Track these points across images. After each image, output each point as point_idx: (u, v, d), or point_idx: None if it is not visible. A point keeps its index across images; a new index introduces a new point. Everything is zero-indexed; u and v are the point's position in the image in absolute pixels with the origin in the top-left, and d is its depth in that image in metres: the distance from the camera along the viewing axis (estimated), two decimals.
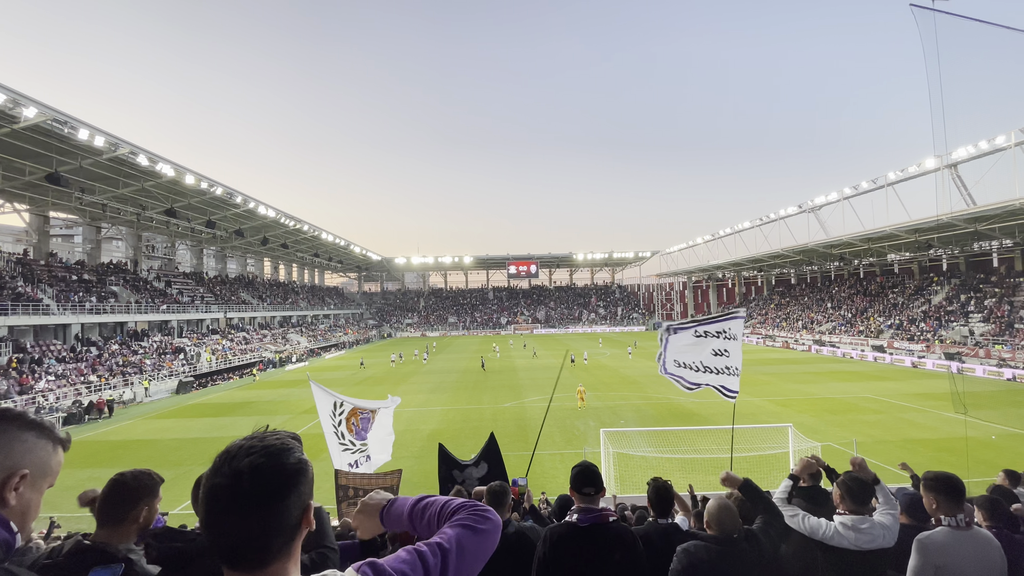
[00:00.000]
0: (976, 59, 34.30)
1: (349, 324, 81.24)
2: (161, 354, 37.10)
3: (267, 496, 0.95)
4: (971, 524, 2.65)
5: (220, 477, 0.95)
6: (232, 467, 0.95)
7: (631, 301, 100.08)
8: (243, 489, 0.93)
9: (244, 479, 0.93)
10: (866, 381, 30.87)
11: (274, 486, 0.96)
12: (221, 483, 0.94)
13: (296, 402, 28.62)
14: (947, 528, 2.61)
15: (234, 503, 0.93)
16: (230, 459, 0.96)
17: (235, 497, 0.93)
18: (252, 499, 0.93)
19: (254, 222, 50.74)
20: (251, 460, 0.95)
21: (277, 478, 0.96)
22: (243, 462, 0.95)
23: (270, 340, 53.11)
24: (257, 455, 0.96)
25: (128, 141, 29.65)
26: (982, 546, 2.56)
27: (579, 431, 20.13)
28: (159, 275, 46.73)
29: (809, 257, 61.28)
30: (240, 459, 0.96)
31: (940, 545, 2.56)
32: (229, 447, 1.00)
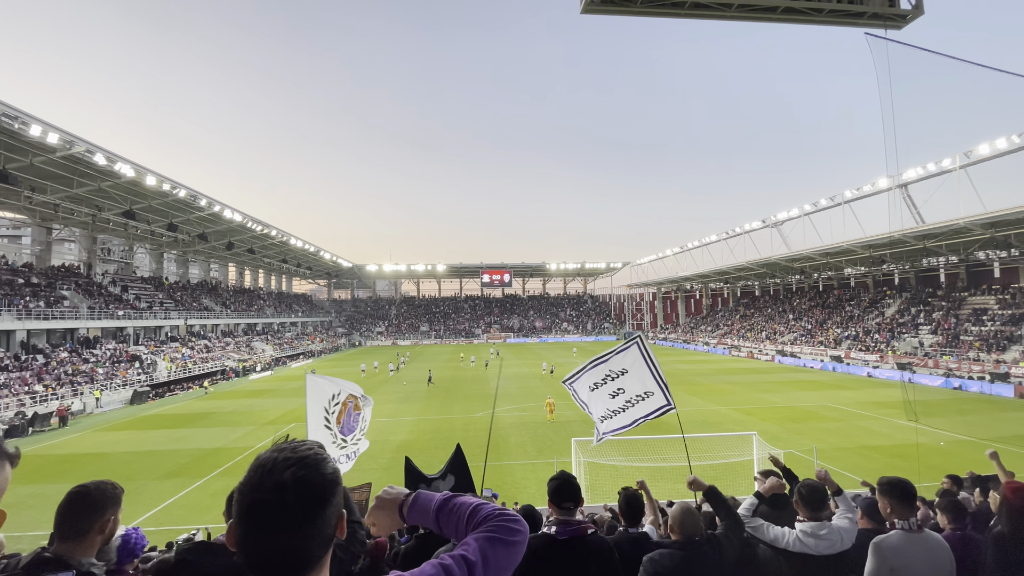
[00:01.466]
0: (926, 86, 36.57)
1: (317, 332, 79.39)
2: (115, 362, 35.41)
3: (311, 508, 0.93)
4: (923, 527, 2.78)
5: (263, 492, 0.92)
6: (274, 481, 0.92)
7: (603, 311, 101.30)
8: (288, 503, 0.91)
9: (289, 492, 0.92)
10: (825, 390, 32.00)
11: (318, 498, 0.94)
12: (266, 498, 0.91)
13: (260, 413, 27.71)
14: (901, 531, 2.73)
15: (281, 517, 0.91)
16: (268, 472, 0.93)
17: (282, 511, 0.91)
18: (298, 512, 0.92)
19: (219, 226, 49.23)
20: (293, 472, 0.93)
21: (319, 489, 0.95)
22: (284, 475, 0.93)
23: (233, 348, 51.38)
24: (297, 467, 0.94)
25: (84, 139, 28.44)
26: (933, 548, 2.69)
27: (551, 441, 20.15)
28: (115, 279, 44.72)
29: (772, 270, 63.41)
30: (280, 472, 0.93)
31: (894, 548, 2.68)
32: (262, 460, 0.97)
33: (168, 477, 16.79)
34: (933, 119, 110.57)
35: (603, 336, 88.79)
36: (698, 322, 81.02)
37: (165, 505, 14.22)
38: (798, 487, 3.28)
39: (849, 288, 59.00)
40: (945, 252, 43.94)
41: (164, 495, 14.99)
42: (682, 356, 58.62)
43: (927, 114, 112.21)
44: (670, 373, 40.58)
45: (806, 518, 3.19)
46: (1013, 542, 2.64)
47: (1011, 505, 2.67)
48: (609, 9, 7.95)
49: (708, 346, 65.53)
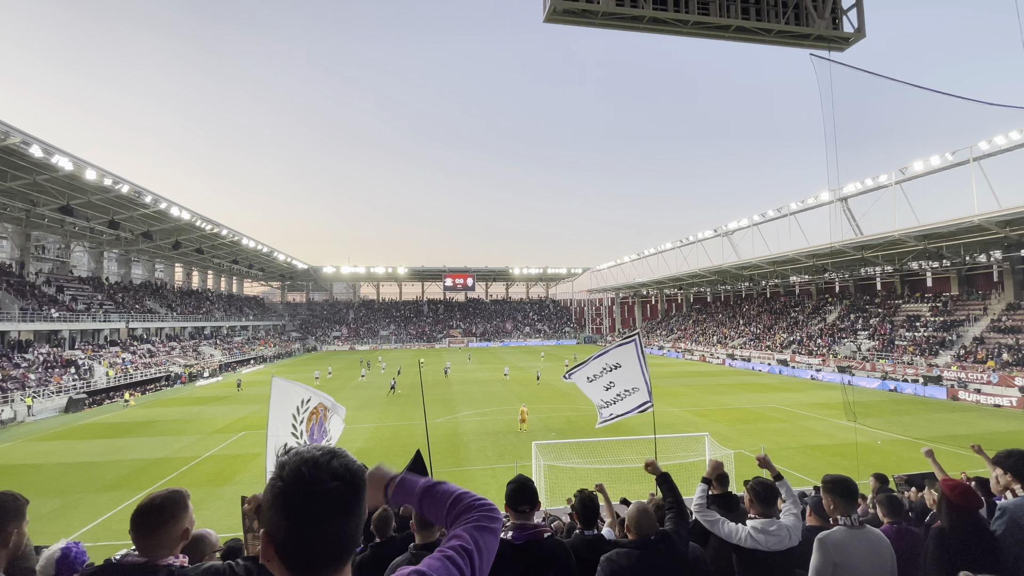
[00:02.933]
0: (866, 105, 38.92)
1: (270, 336, 76.51)
2: (48, 368, 32.97)
3: (361, 493, 1.01)
4: (864, 523, 2.92)
5: (320, 484, 0.95)
6: (330, 470, 0.97)
7: (564, 315, 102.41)
8: (348, 489, 0.97)
9: (347, 479, 0.98)
10: (772, 392, 33.41)
11: (362, 482, 1.02)
12: (327, 488, 0.95)
13: (207, 420, 26.42)
14: (843, 527, 2.86)
15: (343, 503, 0.96)
16: (317, 466, 0.97)
17: (343, 497, 0.96)
18: (354, 497, 0.98)
19: (165, 224, 46.79)
20: (341, 462, 1.00)
21: (361, 475, 1.02)
22: (336, 464, 0.99)
23: (179, 353, 48.83)
24: (340, 458, 1.01)
25: (20, 129, 26.50)
26: (874, 543, 2.83)
27: (511, 445, 20.13)
28: (49, 279, 41.69)
29: (723, 277, 65.84)
30: (328, 464, 0.98)
31: (837, 543, 2.80)
32: (304, 458, 0.99)
33: (107, 489, 15.75)
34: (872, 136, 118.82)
35: (564, 340, 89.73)
36: (654, 326, 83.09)
37: (103, 519, 13.32)
38: (753, 484, 3.38)
39: (794, 295, 61.94)
40: (881, 262, 46.87)
41: (102, 509, 14.04)
42: None
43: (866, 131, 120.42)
44: None
45: (757, 515, 3.30)
46: (952, 536, 2.81)
47: (950, 502, 2.83)
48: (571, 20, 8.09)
49: (663, 350, 67.17)
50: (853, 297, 52.01)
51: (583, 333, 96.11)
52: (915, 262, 45.04)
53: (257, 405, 30.36)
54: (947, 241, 36.32)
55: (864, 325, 45.43)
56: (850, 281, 53.75)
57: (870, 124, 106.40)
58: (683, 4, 8.03)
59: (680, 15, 7.98)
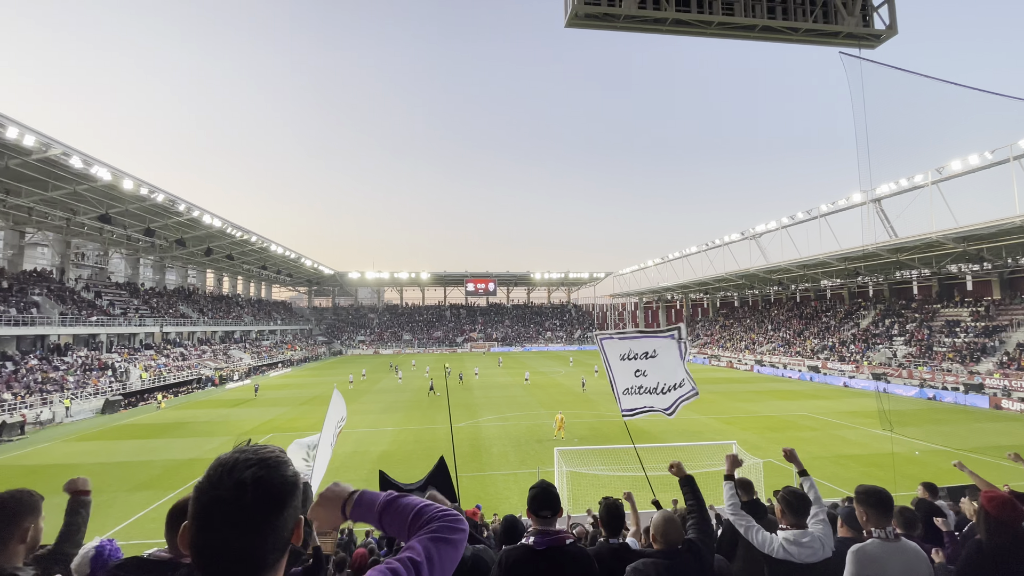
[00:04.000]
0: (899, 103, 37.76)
1: (297, 340, 78.11)
2: (86, 370, 34.32)
3: (269, 509, 0.94)
4: (900, 536, 2.81)
5: (221, 490, 0.92)
6: (234, 479, 0.93)
7: (586, 320, 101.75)
8: (247, 502, 0.91)
9: (248, 491, 0.92)
10: (803, 399, 32.48)
11: (276, 499, 0.95)
12: (224, 496, 0.91)
13: (236, 423, 27.08)
14: (878, 540, 2.76)
15: (238, 516, 0.91)
16: (228, 471, 0.94)
17: (240, 510, 0.91)
18: (256, 512, 0.92)
19: (198, 231, 48.34)
20: (253, 472, 0.94)
21: (279, 490, 0.95)
22: (245, 474, 0.93)
23: (210, 356, 50.24)
24: (257, 467, 0.95)
25: (61, 141, 27.77)
26: (911, 557, 2.72)
27: (533, 451, 20.05)
28: (88, 285, 43.49)
29: (751, 281, 64.48)
30: (240, 471, 0.94)
31: (872, 556, 2.70)
32: (223, 460, 0.97)
33: (139, 489, 16.27)
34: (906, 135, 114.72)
35: (586, 345, 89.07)
36: None
37: (135, 519, 13.76)
38: (784, 494, 3.29)
39: (825, 300, 60.24)
40: (918, 265, 45.22)
41: (134, 508, 14.50)
42: None
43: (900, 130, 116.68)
44: None
45: (789, 525, 3.20)
46: (990, 550, 2.70)
47: (988, 514, 2.75)
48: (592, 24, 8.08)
49: (688, 355, 65.80)
50: (888, 301, 50.30)
51: None
52: (954, 265, 43.31)
53: (283, 408, 31.00)
54: (988, 243, 34.87)
55: (900, 330, 43.87)
56: (884, 285, 52.00)
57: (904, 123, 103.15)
58: (707, 5, 7.94)
59: (704, 16, 7.90)
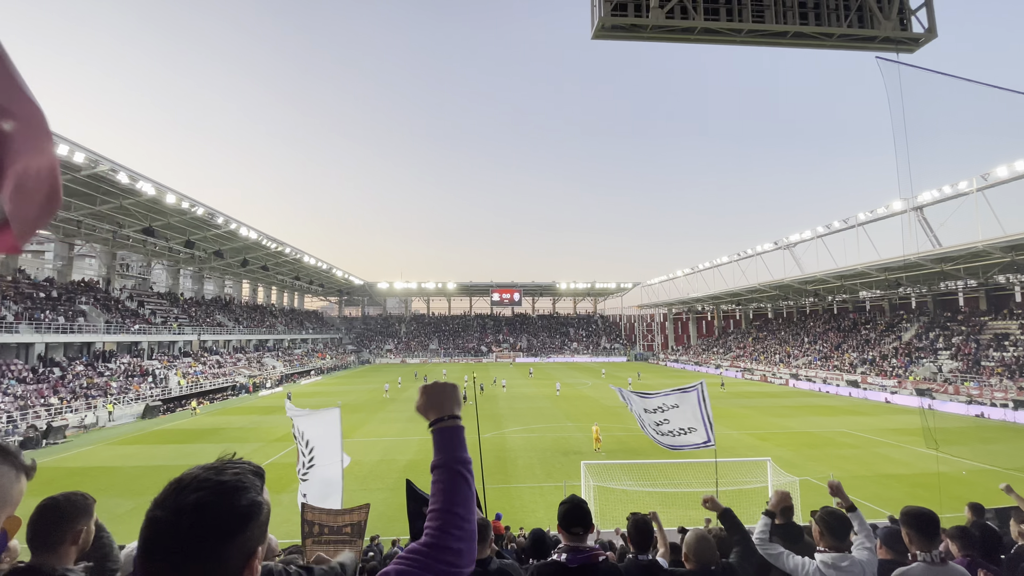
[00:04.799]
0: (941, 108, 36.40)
1: (327, 349, 79.68)
2: (128, 376, 35.77)
3: (208, 539, 0.86)
4: (946, 560, 2.67)
5: (161, 510, 0.87)
6: (176, 502, 0.87)
7: (613, 331, 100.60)
8: (182, 528, 0.85)
9: (185, 517, 0.85)
10: (841, 415, 31.25)
11: (217, 529, 0.87)
12: (160, 517, 0.86)
13: (268, 429, 27.71)
14: (923, 564, 2.63)
15: (171, 541, 0.85)
16: (177, 492, 0.89)
17: (173, 535, 0.85)
18: (190, 540, 0.85)
19: (235, 243, 50.08)
20: (198, 497, 0.88)
21: (222, 520, 0.88)
22: (189, 498, 0.87)
23: (244, 364, 51.70)
24: (207, 492, 0.89)
25: (108, 158, 29.29)
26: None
27: (559, 464, 19.83)
28: (132, 295, 45.48)
29: (785, 292, 62.72)
30: (187, 494, 0.88)
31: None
32: (183, 476, 0.92)
33: None
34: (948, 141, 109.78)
35: (613, 357, 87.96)
36: (710, 344, 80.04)
37: None
38: (823, 514, 3.16)
39: (864, 311, 58.05)
40: (963, 276, 43.19)
41: None
42: (693, 379, 57.68)
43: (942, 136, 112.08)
44: None
45: (827, 548, 3.07)
46: None
47: None
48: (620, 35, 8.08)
49: (720, 368, 64.51)
50: (932, 313, 48.11)
51: (633, 350, 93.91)
52: (1002, 275, 41.18)
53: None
54: None
55: (945, 344, 41.84)
56: (928, 296, 49.80)
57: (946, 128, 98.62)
58: (736, 12, 7.86)
59: (733, 24, 7.82)
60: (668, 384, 49.65)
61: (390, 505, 13.99)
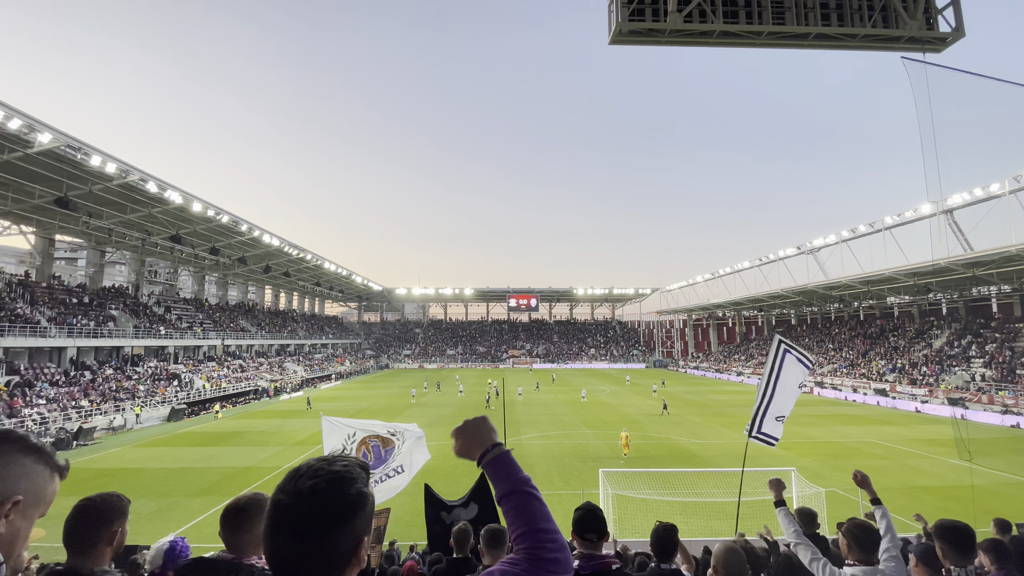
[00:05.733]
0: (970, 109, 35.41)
1: (347, 354, 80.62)
2: (155, 380, 36.68)
3: (321, 522, 0.97)
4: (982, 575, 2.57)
5: (283, 495, 0.99)
6: (296, 487, 0.99)
7: (631, 338, 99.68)
8: (300, 511, 0.97)
9: (303, 501, 0.97)
10: (870, 425, 30.38)
11: (330, 514, 0.98)
12: (283, 501, 0.98)
13: (289, 433, 28.09)
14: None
15: (290, 523, 0.96)
16: (296, 479, 1.01)
17: (293, 518, 0.97)
18: (307, 522, 0.96)
19: (258, 250, 51.12)
20: (313, 484, 0.99)
21: (334, 506, 0.99)
22: (306, 484, 0.99)
23: (266, 368, 52.59)
24: (321, 479, 1.00)
25: (139, 168, 30.22)
26: None
27: (577, 471, 19.67)
28: (159, 300, 46.73)
29: (809, 298, 61.38)
30: (304, 480, 1.00)
31: None
32: (300, 466, 1.05)
33: (199, 494, 17.09)
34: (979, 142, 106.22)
35: (632, 363, 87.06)
36: (731, 351, 78.70)
37: (195, 522, 14.43)
38: (851, 526, 3.07)
39: (892, 318, 56.48)
40: (997, 281, 41.71)
41: (195, 512, 15.23)
42: (715, 386, 56.80)
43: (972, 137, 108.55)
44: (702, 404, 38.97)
45: (857, 561, 2.98)
46: None
47: None
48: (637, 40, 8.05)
49: (742, 376, 63.38)
50: (964, 320, 46.53)
51: (652, 356, 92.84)
52: None
53: None
54: None
55: (979, 351, 40.40)
56: (959, 302, 48.20)
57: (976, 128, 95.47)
58: (756, 15, 7.77)
59: (753, 27, 7.73)
60: (692, 391, 48.96)
61: (407, 510, 14.04)
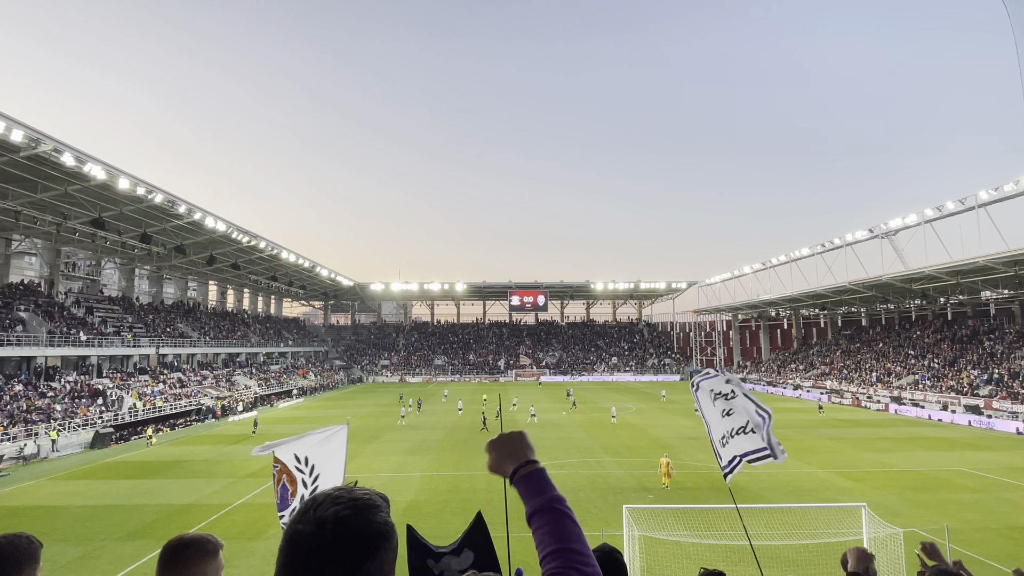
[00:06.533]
0: None
1: (311, 364, 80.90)
2: (75, 398, 36.86)
3: (351, 552, 1.04)
4: None
5: (303, 524, 1.06)
6: (317, 515, 1.06)
7: (663, 343, 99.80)
8: (326, 541, 1.03)
9: (328, 530, 1.04)
10: (960, 450, 30.41)
11: (358, 543, 1.06)
12: (304, 531, 1.05)
13: (239, 462, 28.20)
14: None
15: (316, 554, 1.03)
16: (315, 507, 1.08)
17: (317, 548, 1.03)
18: (335, 553, 1.03)
19: (200, 237, 51.21)
20: (336, 511, 1.07)
21: (362, 534, 1.06)
22: (328, 511, 1.06)
23: (211, 383, 52.82)
24: (343, 506, 1.08)
25: (52, 136, 30.24)
26: None
27: (596, 508, 19.71)
28: (79, 299, 46.90)
29: (883, 293, 61.28)
30: (326, 508, 1.07)
31: None
32: (316, 495, 1.13)
33: (131, 538, 17.17)
34: None
35: (664, 375, 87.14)
36: (786, 359, 78.75)
37: (126, 572, 14.50)
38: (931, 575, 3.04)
39: (988, 317, 56.37)
40: None
41: (125, 560, 15.31)
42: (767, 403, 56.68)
43: None
44: None
45: None
46: None
47: None
48: None
49: (800, 390, 63.42)
50: None
51: (689, 366, 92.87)
52: None
53: None
54: None
55: None
56: None
57: None
58: None
59: None
60: None
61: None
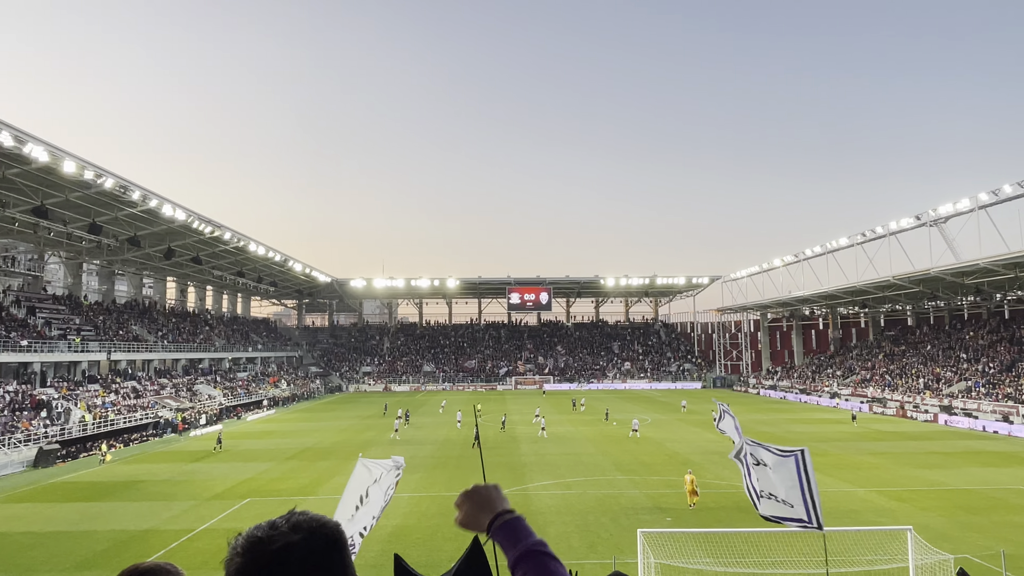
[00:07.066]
0: None
1: (284, 371, 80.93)
2: (15, 410, 36.86)
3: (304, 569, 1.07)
4: None
5: (240, 558, 1.07)
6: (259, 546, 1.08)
7: (682, 345, 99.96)
8: (292, 555, 1.06)
9: (276, 556, 1.06)
10: (1018, 466, 30.55)
11: (318, 562, 1.09)
12: (244, 566, 1.06)
13: (203, 483, 28.22)
14: None
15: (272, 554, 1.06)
16: (251, 538, 1.09)
17: (282, 563, 1.06)
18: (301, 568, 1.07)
19: (156, 227, 51.14)
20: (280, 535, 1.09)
21: (317, 552, 1.10)
22: (275, 535, 1.09)
23: (170, 393, 52.83)
24: (283, 530, 1.10)
25: None
26: None
27: (607, 532, 19.78)
28: (19, 298, 46.87)
29: (932, 288, 61.39)
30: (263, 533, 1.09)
31: None
32: (243, 531, 1.13)
33: (79, 569, 17.20)
34: None
35: (684, 382, 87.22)
36: (822, 363, 78.91)
37: None
38: None
39: None
40: None
41: None
42: (800, 413, 56.93)
43: None
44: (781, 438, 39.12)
45: None
46: None
47: None
48: None
49: (837, 399, 63.53)
50: None
51: (711, 372, 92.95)
52: None
53: (266, 464, 32.05)
54: None
55: None
56: None
57: None
58: None
59: None
60: (767, 421, 49.09)
61: None
